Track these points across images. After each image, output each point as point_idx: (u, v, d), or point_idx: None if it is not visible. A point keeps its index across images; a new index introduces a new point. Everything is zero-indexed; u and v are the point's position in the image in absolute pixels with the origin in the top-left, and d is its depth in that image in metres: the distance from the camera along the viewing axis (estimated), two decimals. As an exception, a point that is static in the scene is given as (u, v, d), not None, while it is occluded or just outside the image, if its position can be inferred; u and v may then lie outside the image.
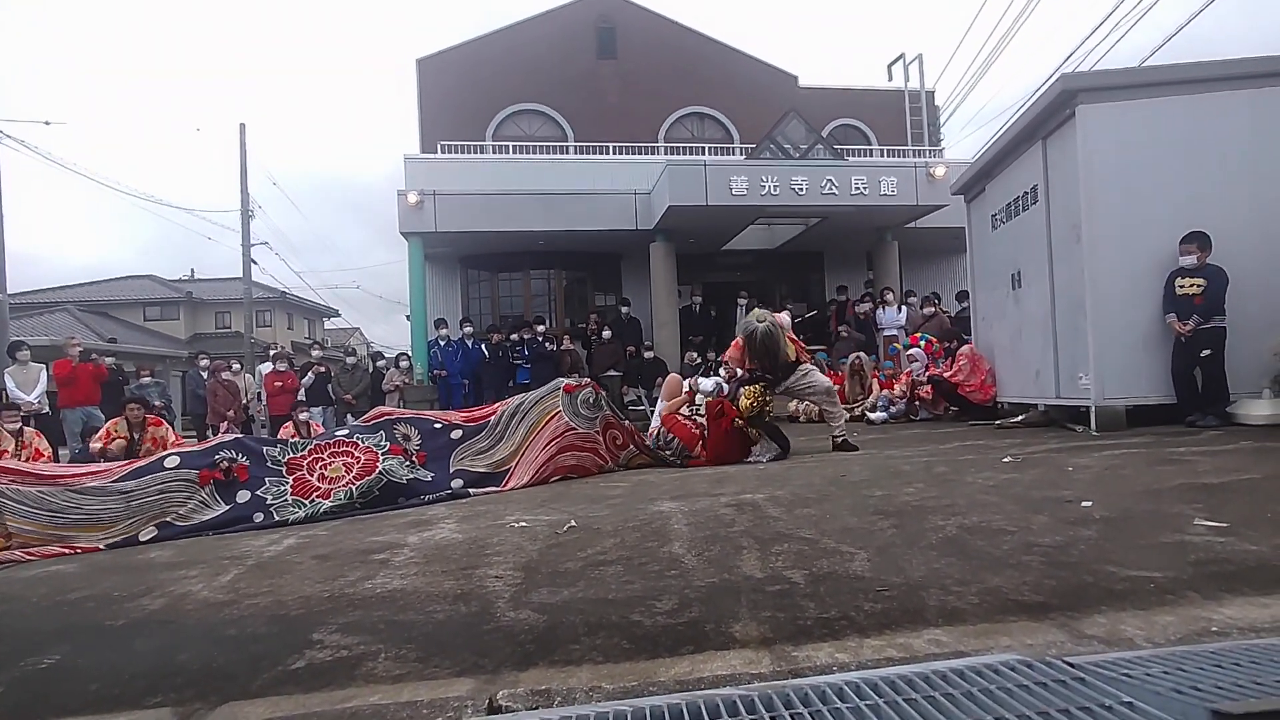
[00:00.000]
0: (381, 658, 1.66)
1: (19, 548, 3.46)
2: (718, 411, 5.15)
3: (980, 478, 3.55)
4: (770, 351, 5.37)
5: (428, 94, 16.69)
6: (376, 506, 4.09)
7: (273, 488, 4.09)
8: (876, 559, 2.18)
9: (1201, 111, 5.31)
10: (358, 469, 4.28)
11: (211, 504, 3.93)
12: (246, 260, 20.49)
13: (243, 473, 4.09)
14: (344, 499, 4.08)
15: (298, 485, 4.15)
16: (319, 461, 4.30)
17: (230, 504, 3.95)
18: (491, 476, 4.59)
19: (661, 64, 17.53)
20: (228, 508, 3.93)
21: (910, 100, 18.30)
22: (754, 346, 5.37)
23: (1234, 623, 1.52)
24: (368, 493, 4.14)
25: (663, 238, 12.18)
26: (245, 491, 4.02)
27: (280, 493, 4.07)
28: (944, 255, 14.81)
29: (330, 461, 4.32)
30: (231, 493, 4.00)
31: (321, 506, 4.01)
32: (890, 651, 1.49)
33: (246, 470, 4.11)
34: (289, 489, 4.11)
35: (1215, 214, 5.15)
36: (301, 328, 35.55)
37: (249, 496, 4.01)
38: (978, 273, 7.83)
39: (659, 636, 1.67)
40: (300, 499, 4.07)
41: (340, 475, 4.24)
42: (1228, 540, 2.12)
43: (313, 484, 4.18)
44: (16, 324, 17.23)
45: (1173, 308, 5.12)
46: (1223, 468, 3.34)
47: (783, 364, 5.47)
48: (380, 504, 4.12)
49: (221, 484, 4.00)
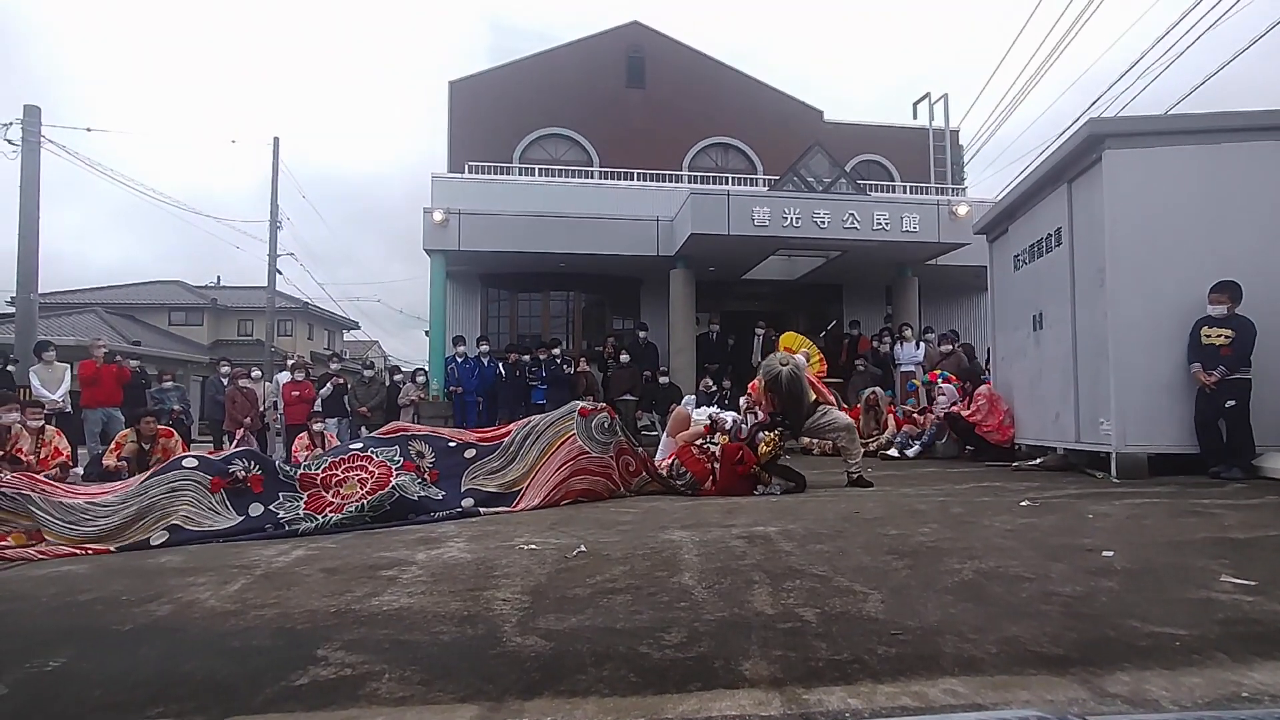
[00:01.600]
0: (385, 678, 1.64)
1: (38, 546, 3.49)
2: (737, 458, 5.03)
3: (997, 520, 3.48)
4: (795, 398, 5.29)
5: (458, 115, 17.01)
6: (386, 521, 4.08)
7: (286, 503, 4.05)
8: (891, 600, 2.13)
9: (1229, 161, 5.28)
10: (371, 483, 4.27)
11: (223, 511, 3.88)
12: (272, 270, 20.85)
13: (257, 484, 4.05)
14: (354, 512, 4.07)
15: (312, 501, 4.12)
16: (333, 478, 4.27)
17: (243, 515, 3.91)
18: (503, 497, 4.57)
19: (689, 94, 17.76)
20: (240, 519, 3.89)
21: (935, 139, 18.39)
22: (778, 392, 5.29)
23: (1265, 689, 1.46)
24: (379, 507, 4.13)
25: (683, 265, 12.23)
26: (258, 504, 3.98)
27: (293, 508, 4.04)
28: (964, 293, 14.74)
29: (345, 478, 4.29)
30: (244, 503, 3.96)
31: (332, 520, 3.99)
32: (905, 700, 1.45)
33: (261, 483, 4.07)
34: (302, 504, 4.08)
35: (1242, 263, 5.09)
36: (322, 338, 35.97)
37: (261, 510, 3.97)
38: (998, 313, 7.77)
39: (667, 671, 1.64)
40: (313, 514, 4.04)
41: (354, 491, 4.22)
42: (1256, 599, 2.05)
43: (327, 500, 4.15)
44: (45, 323, 17.58)
45: (1198, 357, 5.04)
46: (1249, 522, 3.25)
47: (806, 409, 5.43)
48: (390, 518, 4.10)
49: (233, 493, 3.96)
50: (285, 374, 10.97)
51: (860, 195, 12.45)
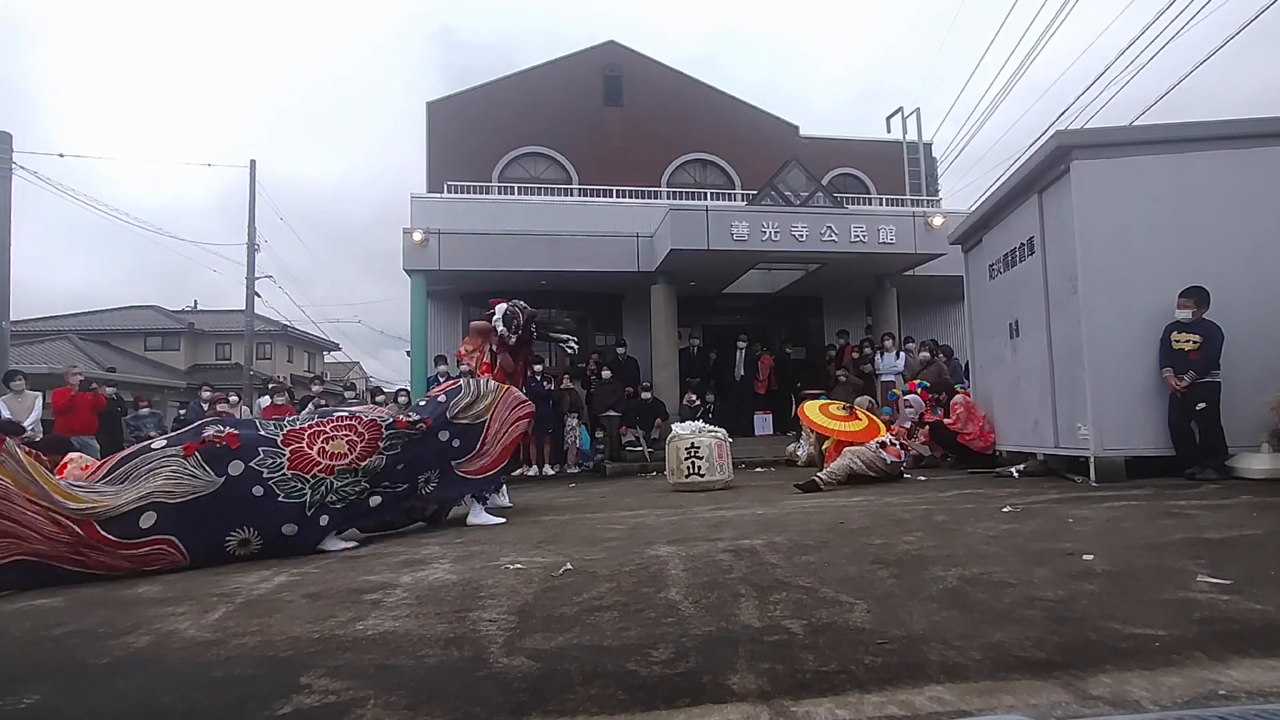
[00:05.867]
0: (371, 704, 1.62)
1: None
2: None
3: (980, 527, 3.51)
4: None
5: (436, 135, 17.01)
6: (382, 484, 4.27)
7: (268, 459, 3.92)
8: (876, 610, 2.14)
9: (1195, 169, 5.43)
10: (362, 446, 4.23)
11: (201, 474, 3.72)
12: (250, 294, 20.64)
13: (232, 440, 3.89)
14: (350, 476, 4.12)
15: (295, 458, 3.99)
16: (319, 435, 4.16)
17: (223, 475, 3.77)
18: (474, 428, 4.89)
19: (666, 111, 17.92)
20: (221, 480, 3.75)
21: (909, 151, 18.68)
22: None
23: (1242, 686, 1.49)
24: (371, 471, 4.22)
25: (664, 280, 12.28)
26: (238, 462, 3.83)
27: (277, 465, 3.92)
28: (942, 303, 14.92)
29: (333, 436, 4.19)
30: (223, 463, 3.80)
31: (332, 484, 4.01)
32: (892, 709, 1.46)
33: (237, 438, 3.91)
34: (286, 461, 3.95)
35: (1209, 269, 5.22)
36: (302, 361, 35.58)
37: (243, 468, 3.83)
38: (975, 322, 7.89)
39: (655, 687, 1.64)
40: (300, 473, 3.95)
41: (344, 452, 4.15)
42: (1232, 599, 2.09)
43: (313, 458, 4.03)
44: (17, 351, 17.24)
45: (1168, 362, 5.14)
46: (1224, 523, 3.31)
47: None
48: (384, 481, 4.28)
49: (209, 454, 3.79)
50: (265, 398, 10.84)
51: (837, 208, 12.60)
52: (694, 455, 6.71)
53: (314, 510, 3.97)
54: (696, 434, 6.85)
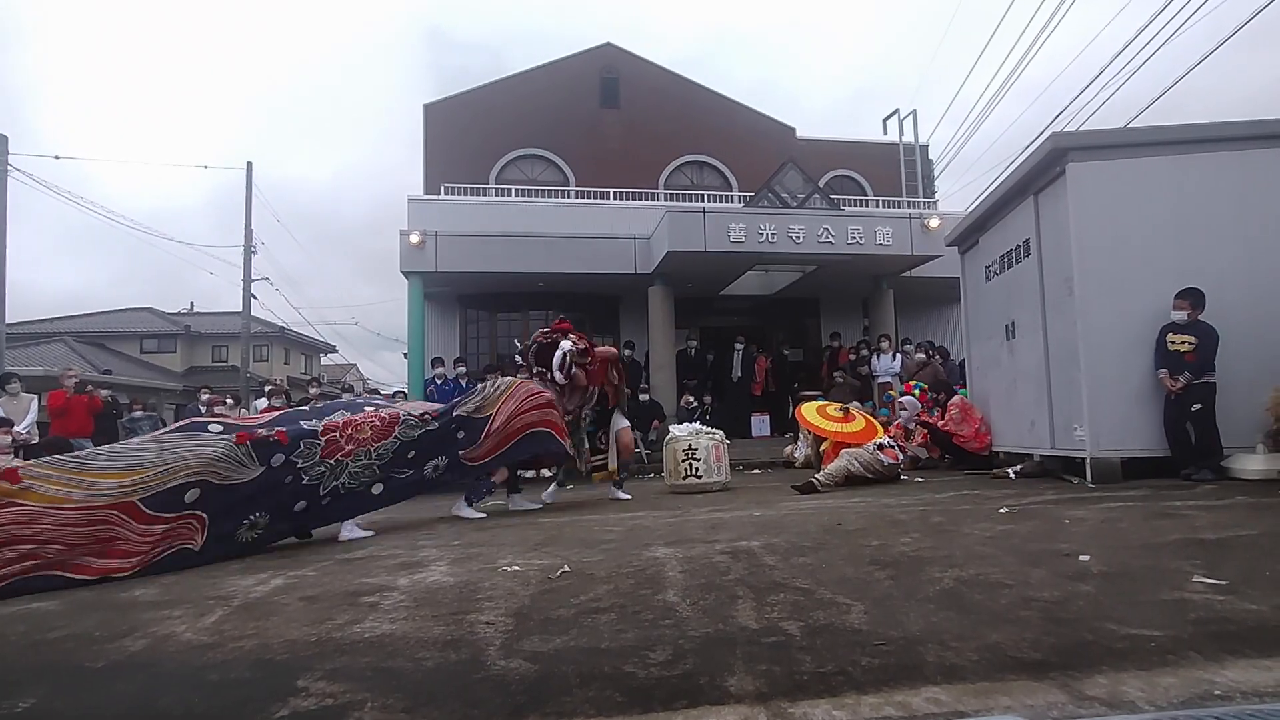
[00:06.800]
0: (368, 707, 1.62)
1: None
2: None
3: (977, 528, 3.52)
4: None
5: (433, 137, 17.01)
6: (391, 468, 4.58)
7: (306, 450, 4.25)
8: (874, 611, 2.15)
9: (1190, 171, 5.45)
10: (376, 430, 4.60)
11: (248, 463, 4.01)
12: (247, 296, 20.59)
13: (282, 437, 4.21)
14: (363, 459, 4.43)
15: (329, 447, 4.35)
16: (351, 424, 4.54)
17: (265, 465, 4.06)
18: (477, 421, 5.11)
19: (663, 114, 17.94)
20: (262, 469, 4.04)
21: (905, 153, 18.72)
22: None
23: (1237, 686, 1.49)
24: (384, 454, 4.54)
25: (661, 282, 12.30)
26: (280, 455, 4.15)
27: (312, 454, 4.26)
28: (939, 304, 14.96)
29: (361, 424, 4.58)
30: (268, 454, 4.10)
31: (345, 467, 4.31)
32: (889, 710, 1.46)
33: (286, 435, 4.24)
34: (320, 450, 4.30)
35: (1205, 271, 5.23)
36: (299, 363, 35.54)
37: (283, 460, 4.14)
38: (972, 323, 7.90)
39: (653, 689, 1.64)
40: (326, 459, 4.30)
41: (365, 436, 4.53)
42: (1227, 599, 2.10)
43: (340, 445, 4.41)
44: (13, 353, 17.18)
45: (1164, 363, 5.16)
46: (1219, 523, 3.32)
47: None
48: (393, 466, 4.59)
49: (260, 444, 4.08)
50: (263, 400, 10.82)
51: (834, 210, 12.62)
52: (692, 457, 6.71)
53: (327, 492, 4.30)
54: (694, 436, 6.85)
